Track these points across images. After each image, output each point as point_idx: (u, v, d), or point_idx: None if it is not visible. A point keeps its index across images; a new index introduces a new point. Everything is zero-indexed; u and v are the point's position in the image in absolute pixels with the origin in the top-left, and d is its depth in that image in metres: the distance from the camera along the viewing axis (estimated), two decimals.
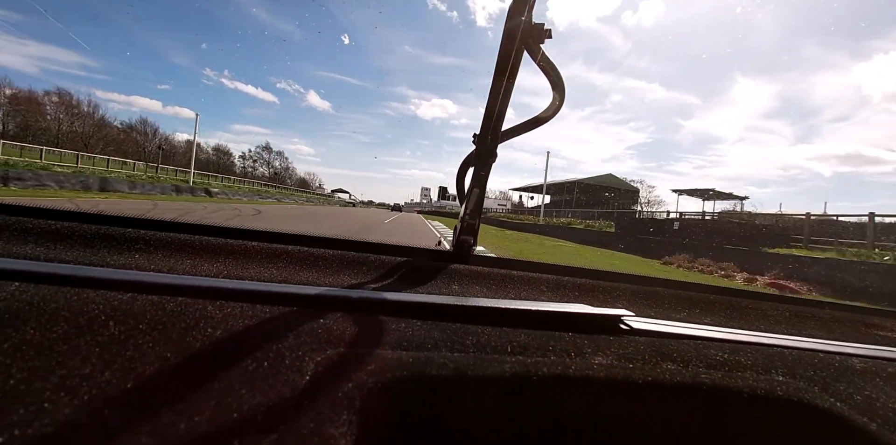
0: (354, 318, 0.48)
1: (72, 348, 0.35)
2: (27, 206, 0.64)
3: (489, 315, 0.54)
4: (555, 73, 0.66)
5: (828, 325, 0.74)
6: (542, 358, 0.46)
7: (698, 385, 0.46)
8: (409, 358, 0.42)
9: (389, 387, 0.38)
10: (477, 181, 0.72)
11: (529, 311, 0.56)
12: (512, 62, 0.62)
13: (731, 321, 0.69)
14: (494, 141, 0.69)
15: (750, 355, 0.54)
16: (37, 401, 0.30)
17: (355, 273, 0.63)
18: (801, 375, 0.51)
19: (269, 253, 0.64)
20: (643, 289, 0.73)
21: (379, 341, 0.44)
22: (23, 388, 0.30)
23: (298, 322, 0.45)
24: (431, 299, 0.55)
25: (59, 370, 0.32)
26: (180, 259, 0.58)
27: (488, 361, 0.43)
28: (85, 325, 0.38)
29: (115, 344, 0.36)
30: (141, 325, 0.39)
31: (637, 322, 0.58)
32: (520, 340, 0.49)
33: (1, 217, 0.59)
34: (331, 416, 0.34)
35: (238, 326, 0.42)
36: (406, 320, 0.49)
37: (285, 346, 0.40)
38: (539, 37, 0.61)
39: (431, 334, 0.47)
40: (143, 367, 0.34)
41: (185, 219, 0.75)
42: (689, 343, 0.55)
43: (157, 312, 0.41)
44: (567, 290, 0.70)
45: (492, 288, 0.67)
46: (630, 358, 0.49)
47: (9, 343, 0.34)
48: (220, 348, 0.38)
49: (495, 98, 0.65)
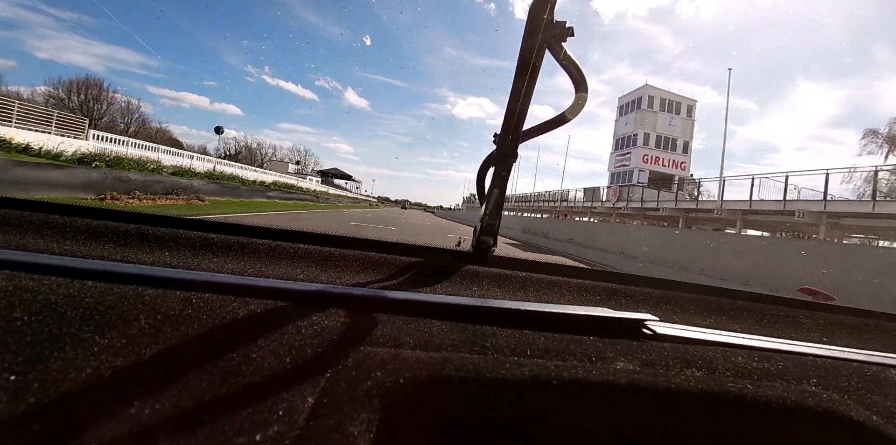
0: (374, 318, 0.48)
1: (105, 341, 0.36)
2: (66, 205, 0.67)
3: (509, 317, 0.54)
4: (577, 72, 0.65)
5: (864, 334, 0.71)
6: (563, 362, 0.45)
7: (724, 394, 0.44)
8: (428, 358, 0.42)
9: (408, 387, 0.38)
10: (497, 181, 0.72)
11: (550, 314, 0.55)
12: (533, 61, 0.61)
13: (759, 328, 0.67)
14: (515, 141, 0.68)
15: (780, 364, 0.52)
16: (70, 392, 0.31)
17: (376, 273, 0.64)
18: (835, 386, 0.49)
19: (292, 253, 0.65)
20: (667, 294, 0.71)
21: (398, 341, 0.44)
22: (57, 379, 0.32)
23: (320, 320, 0.45)
24: (451, 300, 0.55)
25: (93, 361, 0.34)
26: (206, 256, 0.59)
27: (507, 363, 0.43)
28: (117, 319, 0.39)
29: (145, 338, 0.37)
30: (169, 320, 0.40)
31: (661, 327, 0.56)
32: (540, 343, 0.48)
33: (41, 215, 0.62)
34: (351, 414, 0.34)
35: (261, 323, 0.43)
36: (425, 320, 0.50)
37: (307, 344, 0.41)
38: (561, 35, 0.61)
39: (451, 335, 0.47)
40: (170, 361, 0.35)
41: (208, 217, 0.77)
42: (716, 349, 0.53)
43: (184, 308, 0.43)
44: (589, 293, 0.68)
45: (512, 289, 0.66)
46: (653, 364, 0.48)
47: (46, 335, 0.36)
48: (244, 344, 0.39)
49: (516, 97, 0.64)
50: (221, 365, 0.36)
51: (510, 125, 0.66)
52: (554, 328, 0.52)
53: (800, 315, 0.72)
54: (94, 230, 0.61)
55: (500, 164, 0.71)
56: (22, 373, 0.32)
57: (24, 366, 0.32)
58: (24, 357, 0.33)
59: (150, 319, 0.40)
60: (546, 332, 0.51)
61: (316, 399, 0.34)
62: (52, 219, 0.61)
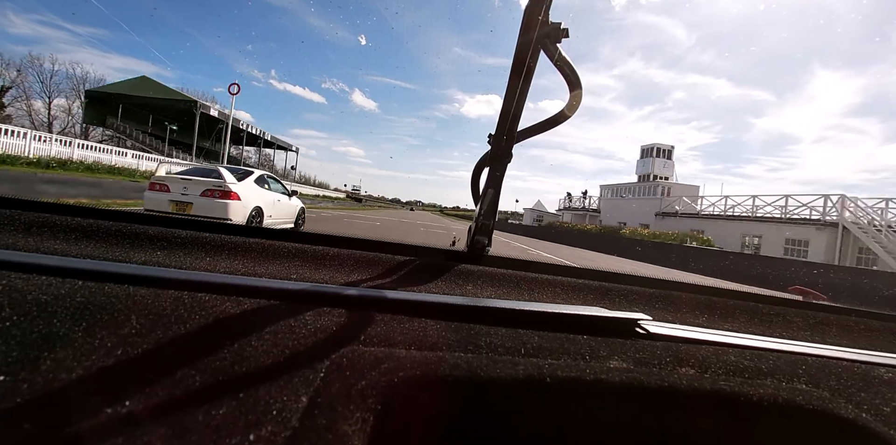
0: (368, 317, 0.48)
1: (96, 340, 0.36)
2: (54, 204, 0.67)
3: (503, 316, 0.54)
4: (572, 73, 0.66)
5: (853, 333, 0.72)
6: (556, 361, 0.45)
7: (717, 392, 0.44)
8: (422, 357, 0.42)
9: (402, 386, 0.38)
10: (492, 181, 0.72)
11: (544, 313, 0.55)
12: (528, 62, 0.61)
13: (751, 327, 0.67)
14: (510, 141, 0.68)
15: (771, 362, 0.52)
16: (60, 392, 0.31)
17: (370, 272, 0.64)
18: (825, 384, 0.50)
19: (285, 252, 0.65)
20: (661, 293, 0.72)
21: (393, 340, 0.44)
22: (48, 379, 0.31)
23: (314, 319, 0.45)
24: (445, 299, 0.55)
25: (84, 361, 0.33)
26: (199, 255, 0.59)
27: (501, 362, 0.43)
28: (109, 319, 0.39)
29: (137, 338, 0.37)
30: (161, 320, 0.40)
31: (654, 326, 0.57)
32: (534, 342, 0.48)
33: (31, 214, 0.61)
34: (345, 413, 0.34)
35: (254, 322, 0.43)
36: (419, 320, 0.50)
37: (300, 343, 0.40)
38: (556, 36, 0.61)
39: (445, 334, 0.47)
40: (162, 361, 0.35)
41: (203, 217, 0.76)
42: (708, 348, 0.54)
43: (177, 307, 0.42)
44: (583, 293, 0.69)
45: (506, 289, 0.66)
46: (646, 363, 0.48)
47: (36, 334, 0.35)
48: (236, 343, 0.39)
49: (511, 98, 0.64)
50: (214, 365, 0.36)
51: (505, 125, 0.67)
52: (548, 327, 0.53)
53: (791, 314, 0.73)
54: (84, 229, 0.60)
55: (495, 165, 0.71)
56: (12, 374, 0.31)
57: (14, 367, 0.32)
58: (14, 357, 0.33)
59: (141, 319, 0.40)
60: (540, 331, 0.51)
61: (310, 398, 0.34)
62: (42, 217, 0.60)
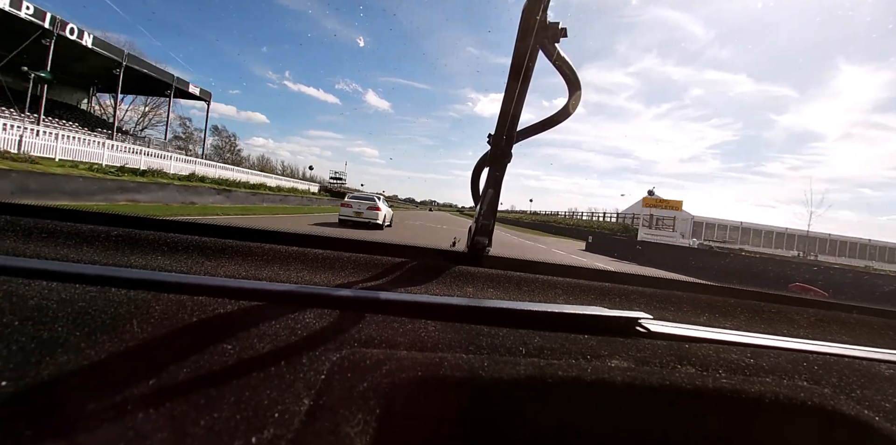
0: (370, 319, 0.48)
1: (97, 345, 0.36)
2: (55, 209, 0.67)
3: (504, 316, 0.54)
4: (571, 73, 0.66)
5: (854, 329, 0.72)
6: (558, 361, 0.45)
7: (718, 390, 0.45)
8: (423, 358, 0.42)
9: (404, 387, 0.38)
10: (492, 182, 0.72)
11: (545, 313, 0.55)
12: (527, 62, 0.61)
13: (752, 325, 0.67)
14: (509, 141, 0.68)
15: (772, 359, 0.52)
16: (62, 396, 0.31)
17: (371, 274, 0.64)
18: (827, 381, 0.50)
19: (286, 255, 0.65)
20: (661, 292, 0.72)
21: (394, 341, 0.44)
22: (50, 383, 0.32)
23: (315, 322, 0.45)
24: (446, 300, 0.55)
25: (86, 366, 0.33)
26: (200, 260, 0.59)
27: (503, 363, 0.43)
28: (110, 323, 0.39)
29: (138, 342, 0.37)
30: (163, 324, 0.40)
31: (655, 325, 0.57)
32: (535, 342, 0.48)
33: (32, 220, 0.61)
34: (347, 416, 0.34)
35: (256, 325, 0.43)
36: (421, 321, 0.50)
37: (302, 346, 0.40)
38: (554, 36, 0.61)
39: (446, 335, 0.47)
40: (164, 364, 0.35)
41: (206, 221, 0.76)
42: (709, 346, 0.54)
43: (178, 311, 0.43)
44: (583, 293, 0.69)
45: (507, 289, 0.66)
46: (648, 362, 0.48)
47: (38, 339, 0.35)
48: (238, 346, 0.39)
49: (510, 98, 0.64)
50: (216, 368, 0.36)
51: (504, 126, 0.67)
52: (549, 327, 0.53)
53: (792, 311, 0.73)
54: (84, 234, 0.60)
55: (495, 165, 0.71)
56: (14, 379, 0.31)
57: (17, 371, 0.32)
58: (16, 362, 0.33)
59: (143, 323, 0.40)
60: (541, 331, 0.51)
61: (311, 401, 0.34)
62: (43, 223, 0.61)
